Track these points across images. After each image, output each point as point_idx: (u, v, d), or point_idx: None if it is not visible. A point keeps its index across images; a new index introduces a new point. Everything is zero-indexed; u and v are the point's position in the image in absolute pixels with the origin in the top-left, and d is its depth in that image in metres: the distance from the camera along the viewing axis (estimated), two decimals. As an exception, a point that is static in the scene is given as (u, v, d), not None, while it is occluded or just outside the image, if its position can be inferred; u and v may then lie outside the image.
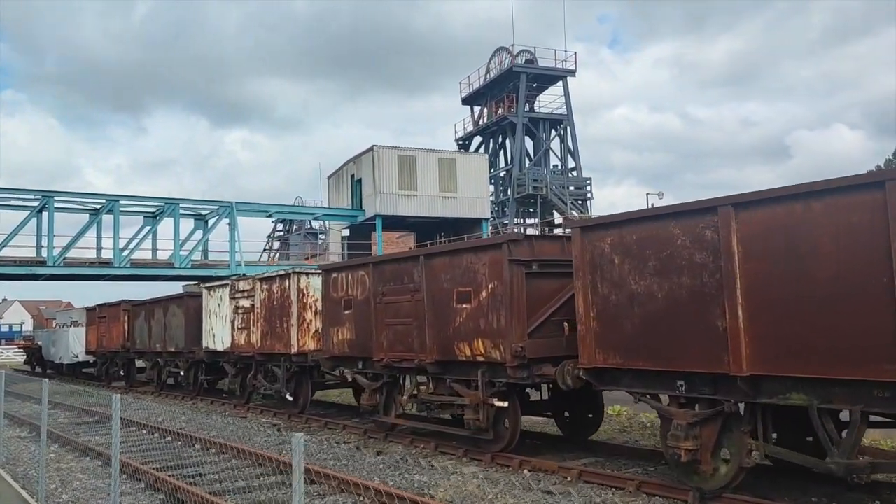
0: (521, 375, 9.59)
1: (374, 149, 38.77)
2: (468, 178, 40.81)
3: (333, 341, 13.55)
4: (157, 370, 23.08)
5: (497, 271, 9.79)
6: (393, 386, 12.70)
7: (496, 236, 9.96)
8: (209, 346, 18.81)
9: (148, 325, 22.73)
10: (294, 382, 15.74)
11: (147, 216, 38.04)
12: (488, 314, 9.92)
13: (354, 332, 12.92)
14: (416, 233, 46.69)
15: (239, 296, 17.24)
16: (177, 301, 21.03)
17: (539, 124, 50.37)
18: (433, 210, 39.99)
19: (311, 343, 15.00)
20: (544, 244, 9.92)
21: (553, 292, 9.85)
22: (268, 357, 16.32)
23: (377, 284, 12.23)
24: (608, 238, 8.32)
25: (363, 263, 12.76)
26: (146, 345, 22.91)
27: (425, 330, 11.04)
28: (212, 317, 18.67)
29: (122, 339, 25.11)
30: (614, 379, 8.50)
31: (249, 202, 37.99)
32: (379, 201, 38.49)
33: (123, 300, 25.47)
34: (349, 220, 41.62)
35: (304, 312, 14.98)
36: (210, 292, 18.87)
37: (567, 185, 49.02)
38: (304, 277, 15.03)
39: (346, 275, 13.16)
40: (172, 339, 21.05)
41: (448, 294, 10.67)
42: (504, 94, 50.76)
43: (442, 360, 10.93)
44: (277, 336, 15.54)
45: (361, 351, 12.79)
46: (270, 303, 15.85)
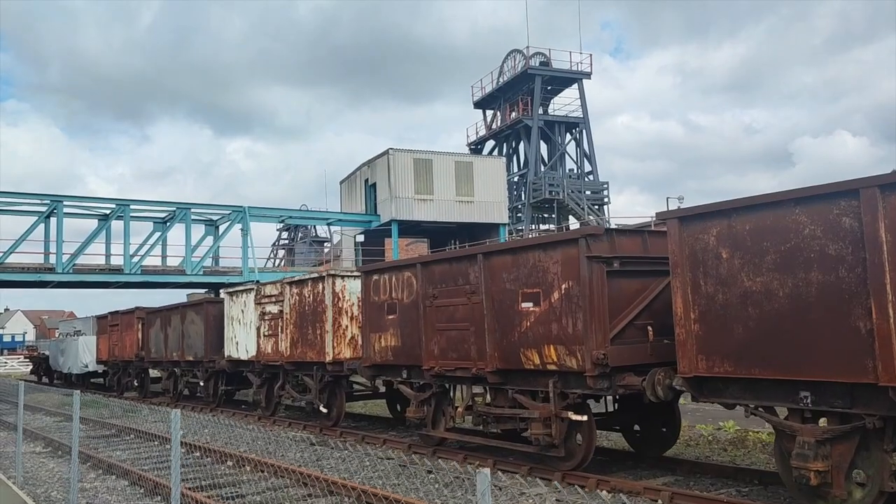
0: (602, 386, 8.60)
1: (389, 152, 37.86)
2: (485, 181, 39.85)
3: (375, 348, 12.57)
4: (174, 380, 22.08)
5: (572, 270, 8.81)
6: (442, 397, 11.71)
7: (570, 230, 8.98)
8: (231, 354, 17.83)
9: (164, 333, 21.75)
10: (327, 393, 14.74)
11: (157, 222, 37.17)
12: (561, 318, 8.94)
13: (399, 338, 11.94)
14: (429, 239, 45.81)
15: (266, 301, 16.26)
16: (195, 308, 20.06)
17: (554, 127, 49.50)
18: (449, 215, 39.04)
19: (347, 351, 14.01)
20: (624, 239, 8.94)
21: (635, 293, 8.87)
22: (297, 366, 15.33)
23: (426, 286, 11.26)
24: (713, 229, 7.34)
25: (409, 263, 11.79)
26: (162, 354, 21.93)
27: (484, 336, 10.06)
28: (234, 324, 17.69)
29: (136, 348, 24.14)
30: (718, 389, 7.51)
31: (262, 207, 37.07)
32: (394, 206, 37.55)
33: (138, 307, 24.51)
34: (363, 226, 40.66)
35: (339, 318, 14.01)
36: (233, 298, 17.89)
37: (584, 189, 48.12)
38: (339, 280, 14.06)
39: (389, 276, 12.19)
40: (191, 347, 20.08)
41: (511, 296, 9.70)
42: (518, 97, 49.88)
43: (504, 369, 9.94)
44: (309, 343, 14.56)
45: (407, 359, 11.80)
46: (302, 308, 14.88)
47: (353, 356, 14.03)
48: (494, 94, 52.64)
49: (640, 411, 10.32)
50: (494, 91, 52.50)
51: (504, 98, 52.08)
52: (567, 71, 49.54)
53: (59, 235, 31.77)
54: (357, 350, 14.12)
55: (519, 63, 50.64)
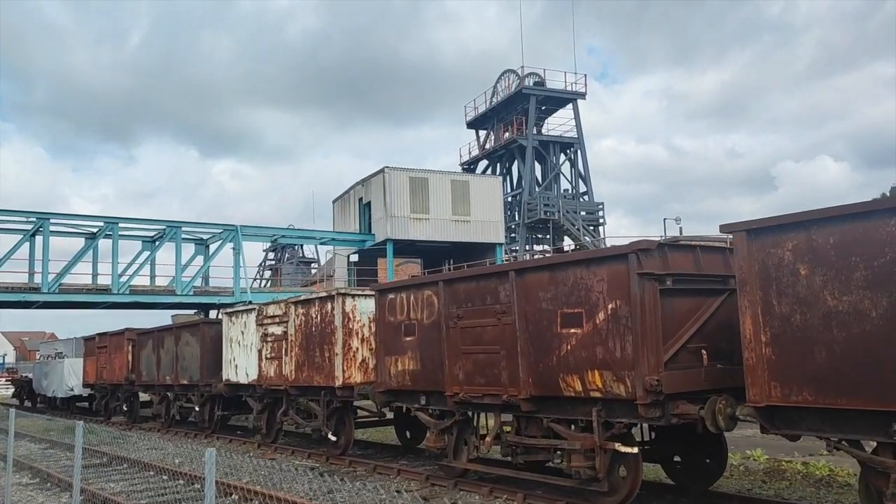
0: (653, 415, 7.87)
1: (385, 170, 37.21)
2: (482, 200, 39.27)
3: (390, 372, 11.77)
4: (166, 405, 21.09)
5: (620, 288, 8.11)
6: (465, 425, 10.92)
7: (617, 246, 8.30)
8: (230, 378, 16.93)
9: (156, 355, 20.80)
10: (335, 420, 13.89)
11: (146, 241, 36.24)
12: (608, 341, 8.22)
13: (418, 361, 11.16)
14: (422, 259, 45.08)
15: (268, 322, 15.43)
16: (191, 329, 19.15)
17: (549, 147, 49.09)
18: (446, 234, 38.37)
19: (357, 375, 13.20)
20: (675, 255, 8.26)
21: (687, 313, 8.18)
22: (303, 391, 14.48)
23: (450, 305, 10.51)
24: (788, 242, 6.67)
25: (431, 281, 11.04)
26: (154, 377, 20.96)
27: (517, 360, 9.31)
28: (234, 346, 16.82)
29: (126, 371, 23.11)
30: (793, 420, 6.80)
31: (254, 226, 36.23)
32: (390, 225, 36.83)
33: (128, 328, 23.51)
34: (357, 245, 39.91)
35: (349, 340, 13.20)
36: (232, 319, 17.03)
37: (579, 209, 47.64)
38: (349, 300, 13.27)
39: (406, 295, 11.43)
40: (185, 370, 19.14)
41: (549, 316, 8.97)
42: (512, 116, 49.49)
43: (539, 396, 9.19)
44: (317, 367, 13.73)
45: (427, 384, 11.02)
46: (308, 329, 14.06)
47: (363, 381, 13.22)
48: (488, 113, 52.25)
49: (681, 441, 9.60)
50: (488, 111, 52.10)
51: (497, 118, 51.69)
52: (562, 91, 49.24)
53: (45, 254, 30.75)
54: (368, 374, 13.31)
55: (513, 83, 50.32)
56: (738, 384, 8.10)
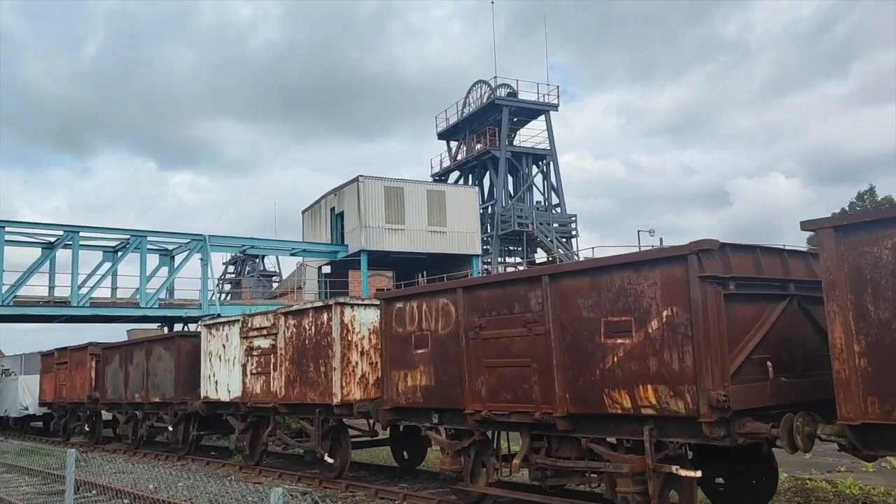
0: (718, 434, 7.07)
1: (359, 179, 36.21)
2: (458, 211, 38.49)
3: (398, 388, 10.80)
4: (134, 424, 19.69)
5: (676, 293, 7.32)
6: (484, 446, 10.01)
7: (673, 246, 7.53)
8: (209, 395, 15.73)
9: (124, 371, 19.42)
10: (330, 439, 12.84)
11: (107, 251, 34.58)
12: (662, 352, 7.41)
13: (432, 376, 10.21)
14: (394, 271, 44.08)
15: (254, 334, 14.31)
16: (164, 343, 17.86)
17: (521, 159, 48.56)
18: (421, 245, 37.46)
19: (357, 391, 12.18)
20: (737, 257, 7.50)
21: (749, 321, 7.41)
22: (293, 408, 13.40)
23: (470, 314, 9.61)
24: (887, 240, 5.95)
25: (447, 288, 10.12)
26: (121, 395, 19.55)
27: (552, 373, 8.45)
28: (213, 360, 15.63)
29: (88, 388, 21.62)
30: (891, 440, 6.06)
31: (223, 236, 34.83)
32: (364, 236, 35.80)
33: (91, 342, 22.05)
34: (328, 257, 38.74)
35: (348, 353, 12.18)
36: (211, 331, 15.84)
37: (551, 222, 47.18)
38: (348, 310, 12.26)
39: (418, 304, 10.49)
40: (157, 387, 17.83)
41: (590, 325, 8.13)
42: (484, 127, 48.89)
43: (577, 414, 8.33)
44: (310, 383, 12.67)
45: (442, 400, 10.08)
46: (300, 342, 13.00)
47: (363, 397, 12.21)
48: (460, 124, 51.60)
49: (724, 460, 8.84)
50: (460, 122, 51.45)
51: (469, 129, 51.05)
52: (534, 102, 48.86)
53: (-1, 264, 28.98)
54: (368, 390, 12.31)
55: (485, 94, 49.82)
56: (803, 399, 7.39)
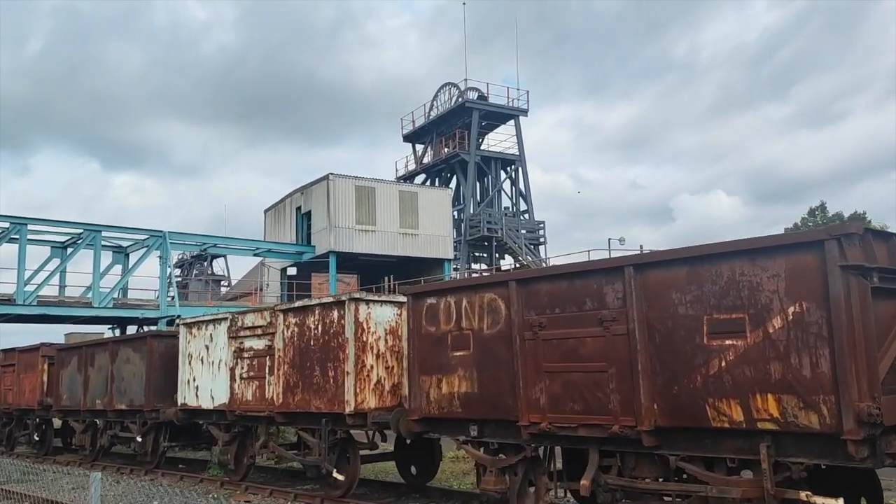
0: (863, 455, 5.95)
1: (329, 177, 34.68)
2: (430, 213, 37.25)
3: (430, 396, 9.45)
4: (93, 434, 17.79)
5: (808, 285, 6.20)
6: (535, 463, 8.73)
7: (804, 231, 6.39)
8: (188, 401, 14.07)
9: (83, 374, 17.50)
10: (337, 453, 11.38)
11: (56, 246, 32.26)
12: (789, 355, 6.27)
13: (474, 382, 8.90)
14: (358, 275, 42.56)
15: (246, 334, 12.75)
16: (134, 343, 16.06)
17: (490, 164, 47.62)
18: (392, 248, 36.08)
19: (371, 398, 10.76)
20: (876, 245, 6.42)
21: (891, 320, 6.34)
22: (292, 418, 11.89)
23: (526, 311, 8.35)
24: None
25: (495, 282, 8.83)
26: (79, 401, 17.62)
27: (636, 380, 7.24)
28: (194, 363, 13.98)
29: (40, 394, 19.57)
30: None
31: (184, 233, 32.81)
32: (333, 236, 34.24)
33: (43, 343, 20.00)
34: (293, 258, 37.00)
35: (363, 355, 10.76)
36: (192, 330, 14.19)
37: (520, 228, 46.30)
38: (363, 306, 10.84)
39: (456, 300, 9.18)
40: (124, 393, 16.03)
41: (689, 324, 6.96)
42: (453, 130, 47.80)
43: (669, 427, 7.14)
44: (316, 389, 11.20)
45: (488, 410, 8.77)
46: (303, 342, 11.53)
47: (378, 406, 10.80)
48: (427, 127, 50.43)
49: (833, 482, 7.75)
50: (427, 124, 50.29)
51: (437, 132, 49.92)
52: (504, 107, 48.01)
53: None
54: (384, 398, 10.91)
55: (454, 96, 48.76)
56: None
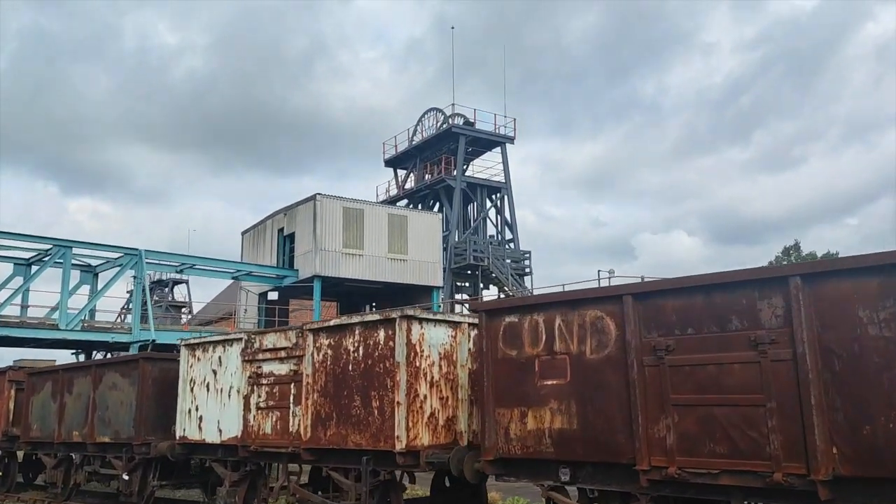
0: None
1: (316, 198, 33.04)
2: (420, 239, 35.77)
3: (508, 432, 7.93)
4: (66, 470, 15.74)
5: None
6: (647, 516, 7.24)
7: None
8: (188, 434, 12.27)
9: (58, 402, 15.50)
10: (377, 498, 9.72)
11: (19, 264, 30.01)
12: None
13: (573, 416, 7.42)
14: (338, 302, 40.81)
15: (265, 357, 11.07)
16: (121, 367, 14.16)
17: (476, 190, 46.48)
18: (380, 273, 34.43)
19: (424, 434, 9.18)
20: None
21: None
22: (322, 455, 10.20)
23: (646, 331, 6.94)
24: None
25: (603, 296, 7.41)
26: (52, 432, 15.58)
27: (808, 417, 5.87)
28: (198, 390, 12.21)
29: (5, 423, 17.45)
30: None
31: (160, 251, 30.76)
32: (319, 260, 32.49)
33: (10, 366, 17.95)
34: (273, 283, 35.09)
35: (415, 383, 9.20)
36: (196, 352, 12.44)
37: (506, 257, 45.07)
38: (416, 326, 9.30)
39: (546, 318, 7.73)
40: (108, 423, 14.10)
41: (885, 348, 5.62)
42: (439, 155, 46.66)
43: (855, 477, 5.75)
44: (355, 422, 9.58)
45: (591, 451, 7.28)
46: (339, 368, 9.91)
47: (432, 443, 9.23)
48: (410, 151, 49.25)
49: None
50: (410, 149, 49.12)
51: (420, 157, 48.78)
52: (491, 133, 47.11)
53: None
54: (437, 434, 9.34)
55: (440, 121, 47.73)
56: None
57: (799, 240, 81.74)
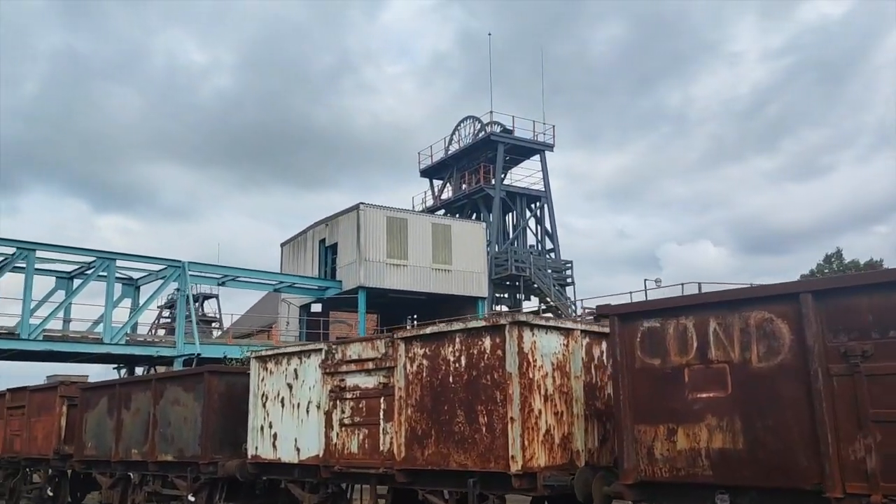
0: None
1: (360, 207, 32.34)
2: (464, 248, 34.93)
3: (652, 452, 6.96)
4: (122, 490, 14.97)
5: None
6: (831, 549, 6.22)
7: None
8: (261, 453, 11.42)
9: (115, 419, 14.77)
10: (485, 526, 8.77)
11: (62, 277, 29.59)
12: None
13: (738, 433, 6.44)
14: (379, 314, 39.95)
15: (349, 368, 10.20)
16: (185, 381, 13.40)
17: (515, 199, 45.54)
18: (424, 284, 33.60)
19: (541, 454, 8.22)
20: None
21: None
22: (418, 476, 9.28)
23: (831, 335, 5.96)
24: None
25: (773, 295, 6.44)
26: (108, 450, 14.84)
27: None
28: (271, 405, 11.37)
29: (56, 441, 16.76)
30: None
31: (204, 263, 30.19)
32: (363, 271, 31.71)
33: (62, 381, 17.27)
34: (314, 294, 34.41)
35: (529, 397, 8.27)
36: (267, 365, 11.61)
37: (547, 267, 44.00)
38: (527, 333, 8.38)
39: (699, 321, 6.77)
40: (170, 441, 13.32)
41: None
42: (476, 164, 45.80)
43: None
44: (458, 440, 8.66)
45: (763, 474, 6.28)
46: (437, 380, 9.01)
47: (549, 463, 8.27)
48: (447, 161, 48.48)
49: None
50: (447, 158, 48.35)
51: (457, 166, 47.97)
52: (530, 141, 46.21)
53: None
54: (553, 453, 8.38)
55: (477, 130, 46.94)
56: None
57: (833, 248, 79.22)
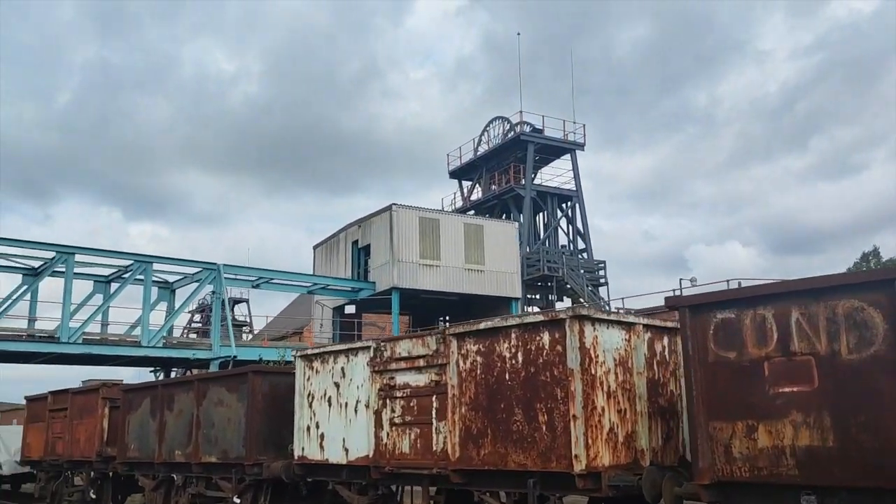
0: None
1: (392, 208, 32.15)
2: (496, 248, 34.57)
3: (730, 450, 6.60)
4: (166, 492, 14.88)
5: None
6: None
7: None
8: (307, 454, 11.21)
9: (158, 420, 14.68)
10: (545, 528, 8.47)
11: (99, 280, 29.79)
12: None
13: (827, 430, 6.07)
14: (411, 315, 39.71)
15: (399, 366, 9.95)
16: (228, 381, 13.26)
17: (546, 199, 45.08)
18: (457, 285, 33.30)
19: (605, 453, 7.89)
20: None
21: None
22: (474, 477, 9.00)
23: (932, 324, 5.57)
24: None
25: (864, 282, 6.05)
26: (151, 452, 14.76)
27: None
28: (318, 405, 11.16)
29: (99, 443, 16.74)
30: None
31: (238, 266, 30.20)
32: (397, 272, 31.52)
33: (104, 383, 17.27)
34: (348, 296, 34.28)
35: (592, 394, 7.95)
36: (313, 364, 11.41)
37: (580, 267, 43.49)
38: (589, 327, 8.07)
39: (779, 311, 6.40)
40: (214, 442, 13.19)
41: None
42: (507, 164, 45.42)
43: None
44: (517, 439, 8.36)
45: (857, 473, 5.91)
46: (492, 376, 8.72)
47: (613, 462, 7.94)
48: (476, 162, 48.19)
49: None
50: (476, 159, 48.06)
51: (486, 167, 47.66)
52: (561, 140, 45.77)
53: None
54: (617, 452, 8.05)
55: (506, 130, 46.58)
56: None
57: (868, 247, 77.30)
